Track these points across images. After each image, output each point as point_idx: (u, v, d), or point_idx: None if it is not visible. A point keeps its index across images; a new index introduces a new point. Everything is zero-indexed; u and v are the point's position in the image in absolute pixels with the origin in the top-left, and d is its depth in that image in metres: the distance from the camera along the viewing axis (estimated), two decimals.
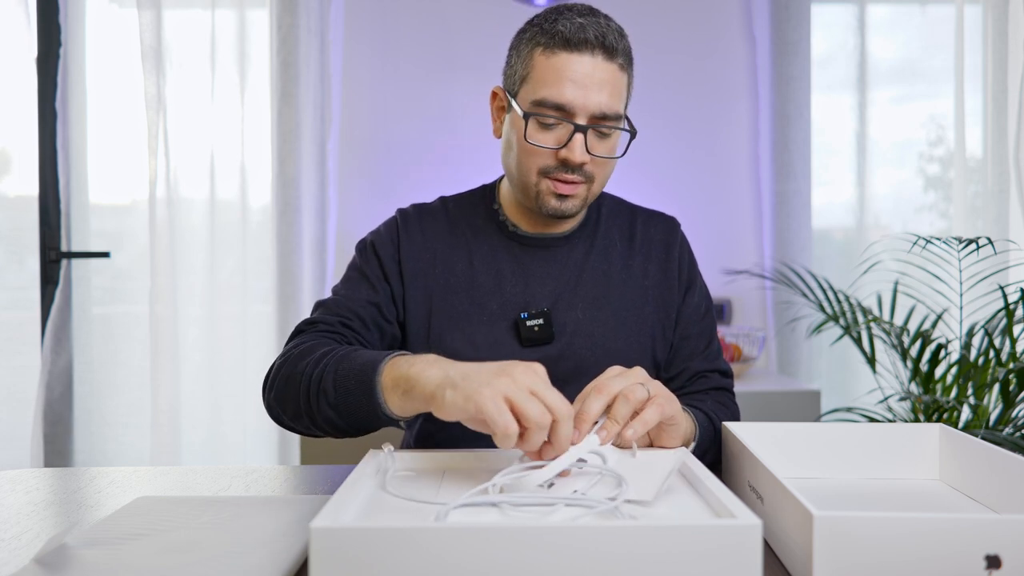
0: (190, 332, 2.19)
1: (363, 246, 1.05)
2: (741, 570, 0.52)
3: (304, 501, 0.76)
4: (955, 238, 1.64)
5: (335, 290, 1.02)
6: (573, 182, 0.95)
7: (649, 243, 1.08)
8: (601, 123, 0.93)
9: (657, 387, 0.78)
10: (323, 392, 0.82)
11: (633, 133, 0.97)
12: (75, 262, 2.18)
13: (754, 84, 2.39)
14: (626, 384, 0.76)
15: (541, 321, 0.99)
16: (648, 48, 2.38)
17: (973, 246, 1.62)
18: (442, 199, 1.09)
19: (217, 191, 2.20)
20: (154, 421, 2.11)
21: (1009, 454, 0.72)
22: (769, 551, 0.66)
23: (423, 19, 2.33)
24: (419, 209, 1.07)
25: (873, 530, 0.55)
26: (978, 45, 2.35)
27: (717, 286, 2.34)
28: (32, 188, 2.15)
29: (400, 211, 1.07)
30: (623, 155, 0.98)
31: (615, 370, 0.79)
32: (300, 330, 0.96)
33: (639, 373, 0.79)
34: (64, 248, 2.16)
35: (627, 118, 0.99)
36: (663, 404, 0.76)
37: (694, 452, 0.86)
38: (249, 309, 2.23)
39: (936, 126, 2.42)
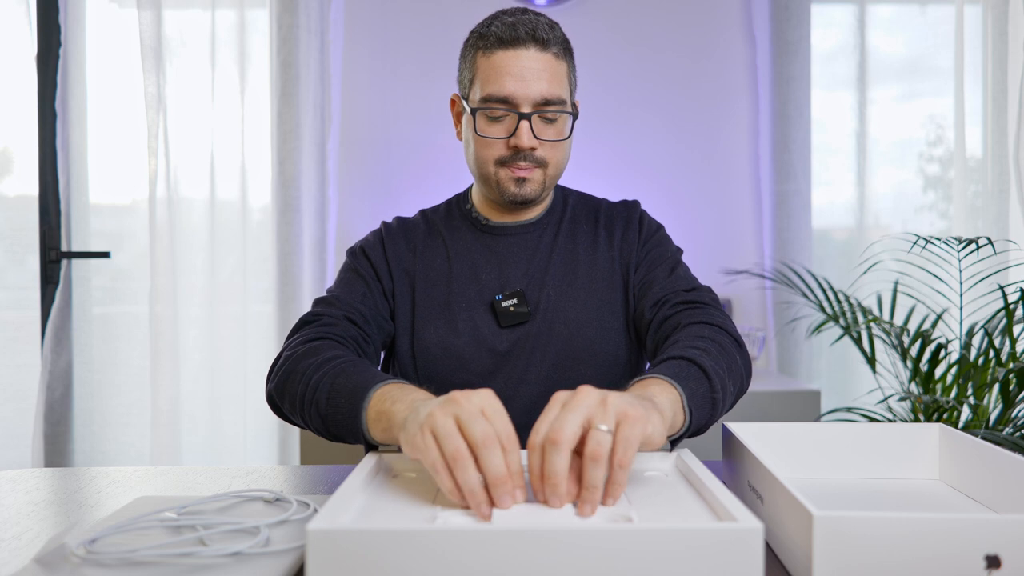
0: (190, 332, 2.19)
1: (354, 251, 1.13)
2: (742, 574, 0.52)
3: (303, 501, 0.76)
4: (955, 238, 1.64)
5: (331, 291, 1.07)
6: (528, 167, 1.02)
7: (612, 220, 1.13)
8: (545, 109, 1.00)
9: (616, 411, 0.62)
10: (316, 402, 0.86)
11: (575, 115, 1.04)
12: (75, 262, 2.18)
13: (754, 84, 2.39)
14: (576, 419, 0.61)
15: (515, 300, 1.05)
16: (648, 48, 2.38)
17: (973, 246, 1.62)
18: (422, 211, 1.18)
19: (217, 191, 2.20)
20: (154, 421, 2.11)
21: (1009, 454, 0.72)
22: (769, 551, 0.66)
23: (423, 19, 2.33)
24: (401, 220, 1.16)
25: (873, 530, 0.55)
26: (978, 45, 2.35)
27: (717, 286, 2.34)
28: (32, 188, 2.15)
29: (384, 223, 1.16)
30: (569, 137, 1.04)
31: (558, 401, 0.64)
32: (306, 321, 0.99)
33: (588, 397, 0.63)
34: (64, 248, 2.16)
35: (574, 104, 1.05)
36: (629, 448, 0.61)
37: (695, 420, 0.78)
38: (249, 309, 2.23)
39: (936, 126, 2.42)
